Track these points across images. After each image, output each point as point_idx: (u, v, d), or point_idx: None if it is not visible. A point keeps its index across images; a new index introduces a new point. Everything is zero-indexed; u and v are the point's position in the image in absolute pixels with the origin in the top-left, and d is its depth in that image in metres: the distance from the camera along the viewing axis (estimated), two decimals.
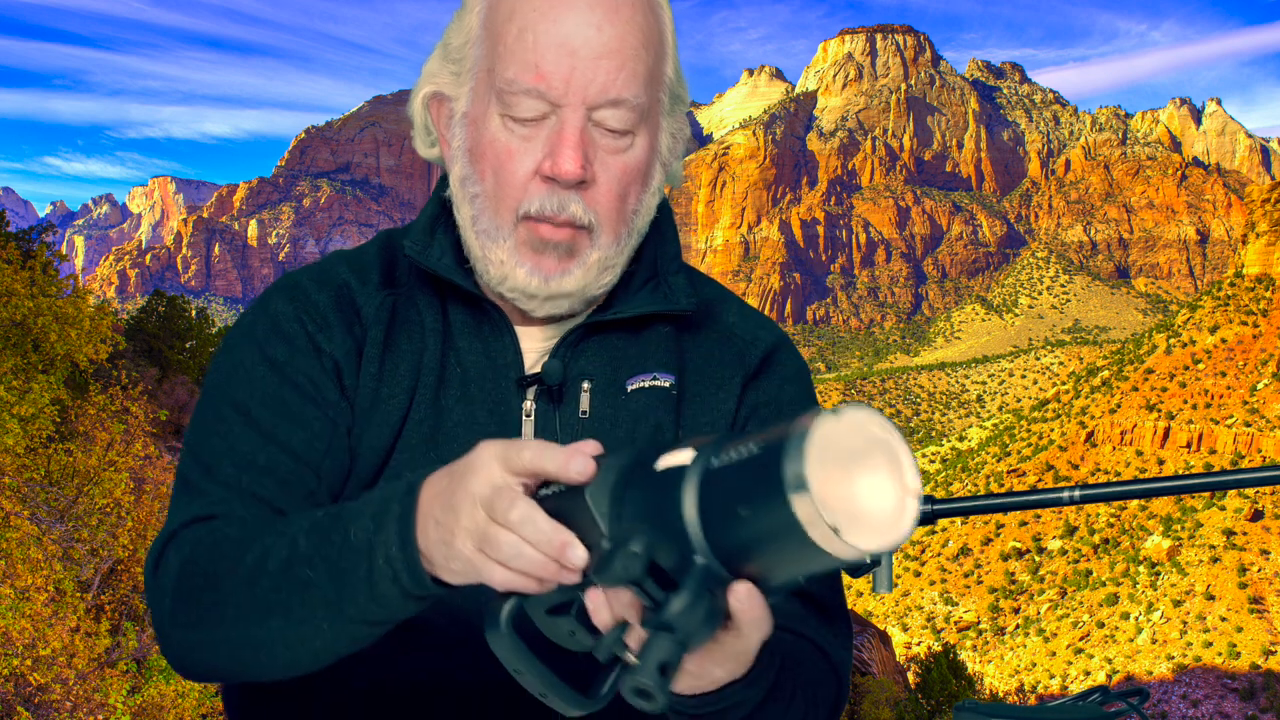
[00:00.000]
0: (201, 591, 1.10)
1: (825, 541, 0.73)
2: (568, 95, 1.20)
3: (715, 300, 1.44)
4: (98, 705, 8.16)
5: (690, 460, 0.82)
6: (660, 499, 0.83)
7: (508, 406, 1.31)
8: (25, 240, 22.04)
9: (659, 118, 1.31)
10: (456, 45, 1.29)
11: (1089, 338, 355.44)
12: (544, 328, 1.34)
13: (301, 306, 1.32)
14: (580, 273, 1.27)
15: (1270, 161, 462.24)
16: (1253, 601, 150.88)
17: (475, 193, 1.27)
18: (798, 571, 0.80)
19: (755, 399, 1.40)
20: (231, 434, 1.24)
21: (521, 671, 0.91)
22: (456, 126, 1.30)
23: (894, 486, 0.76)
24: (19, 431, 10.40)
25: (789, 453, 0.74)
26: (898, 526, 0.76)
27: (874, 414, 0.77)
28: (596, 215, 1.25)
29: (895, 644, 45.69)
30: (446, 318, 1.34)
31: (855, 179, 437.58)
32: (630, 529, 0.83)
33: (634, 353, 1.35)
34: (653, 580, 0.82)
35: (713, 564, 0.81)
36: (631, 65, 1.22)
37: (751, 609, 0.83)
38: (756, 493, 0.76)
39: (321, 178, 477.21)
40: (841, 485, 0.74)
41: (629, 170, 1.26)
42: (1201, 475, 0.93)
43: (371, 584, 0.97)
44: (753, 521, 0.77)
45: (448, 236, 1.34)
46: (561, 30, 1.20)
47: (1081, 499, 0.93)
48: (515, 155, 1.24)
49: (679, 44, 1.30)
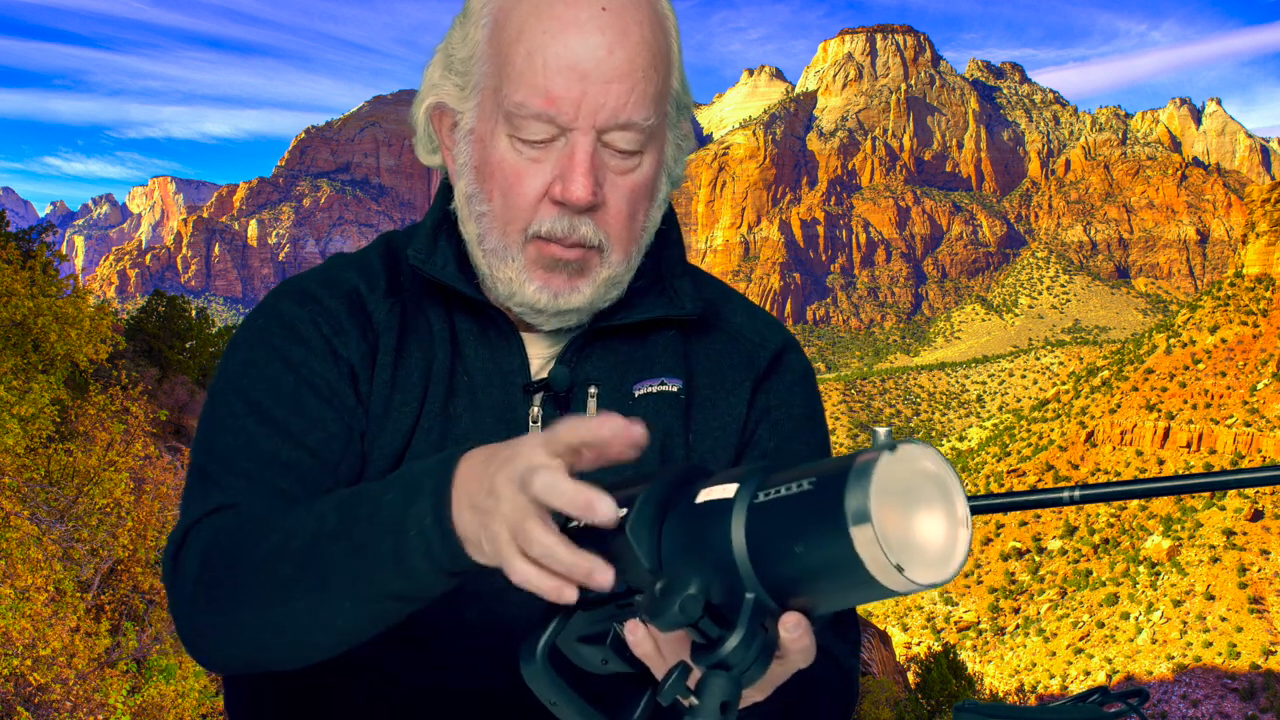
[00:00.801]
0: (224, 574, 1.10)
1: (884, 576, 0.74)
2: (578, 119, 1.19)
3: (721, 301, 1.44)
4: (98, 705, 8.16)
5: (733, 494, 0.82)
6: (705, 534, 0.82)
7: (515, 413, 1.30)
8: (25, 240, 22.00)
9: (666, 130, 1.29)
10: (461, 58, 1.27)
11: (1089, 338, 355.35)
12: (550, 334, 1.34)
13: (316, 311, 1.31)
14: (590, 290, 1.27)
15: (1270, 161, 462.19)
16: (1253, 601, 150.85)
17: (482, 211, 1.26)
18: (848, 602, 0.81)
19: (765, 401, 1.39)
20: (248, 431, 1.23)
21: (555, 703, 0.91)
22: (462, 142, 1.28)
23: (947, 520, 0.77)
24: (19, 431, 10.40)
25: (851, 488, 0.74)
26: (951, 560, 0.77)
27: (928, 449, 0.77)
28: (607, 236, 1.25)
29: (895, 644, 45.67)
30: (453, 325, 1.34)
31: (855, 179, 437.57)
32: (681, 569, 0.82)
33: (641, 358, 1.35)
34: (707, 618, 0.81)
35: (763, 598, 0.81)
36: (642, 87, 1.21)
37: (801, 639, 0.83)
38: (814, 528, 0.76)
39: (321, 178, 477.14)
40: (900, 520, 0.75)
41: (638, 189, 1.26)
42: (1201, 475, 0.93)
43: (400, 558, 0.96)
44: (808, 556, 0.77)
45: (451, 245, 1.33)
46: (572, 53, 1.17)
47: (1081, 499, 0.94)
48: (524, 177, 1.22)
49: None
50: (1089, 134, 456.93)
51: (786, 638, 0.83)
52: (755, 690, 0.91)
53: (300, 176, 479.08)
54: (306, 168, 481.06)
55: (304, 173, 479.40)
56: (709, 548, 0.82)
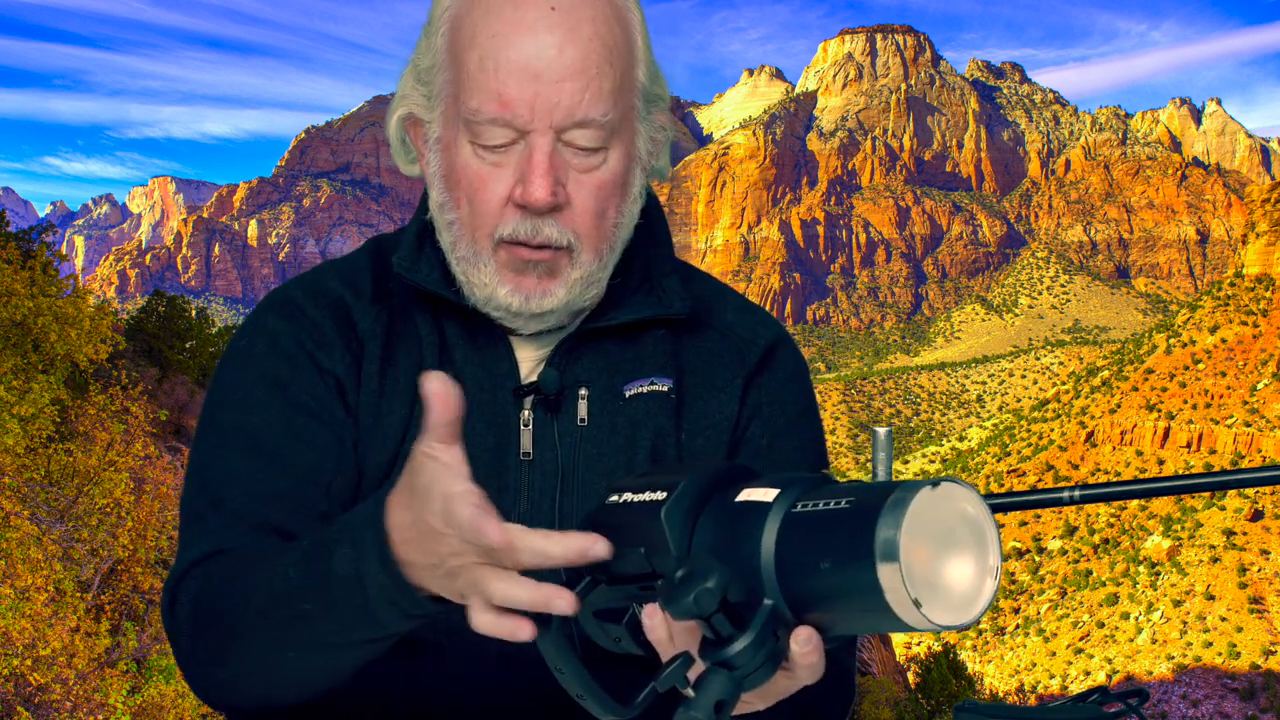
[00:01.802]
0: (215, 629, 1.12)
1: (903, 611, 0.74)
2: (534, 121, 1.19)
3: (712, 298, 1.42)
4: (98, 705, 8.16)
5: (772, 499, 0.82)
6: (737, 533, 0.83)
7: (505, 416, 1.30)
8: (25, 240, 21.99)
9: (634, 124, 1.28)
10: (424, 68, 1.28)
11: (1089, 338, 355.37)
12: (539, 337, 1.33)
13: (299, 325, 1.31)
14: (563, 291, 1.26)
15: (1270, 161, 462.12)
16: (1253, 601, 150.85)
17: (451, 219, 1.27)
18: (863, 628, 0.80)
19: (757, 398, 1.38)
20: (236, 461, 1.23)
21: (563, 672, 0.91)
22: (431, 151, 1.29)
23: (976, 567, 0.77)
24: (19, 431, 10.40)
25: (885, 519, 0.74)
26: (974, 605, 0.77)
27: (969, 490, 0.77)
28: (576, 235, 1.24)
29: (895, 644, 45.72)
30: (441, 330, 1.33)
31: (855, 179, 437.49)
32: (705, 562, 0.82)
33: (630, 358, 1.34)
34: (722, 615, 0.82)
35: (780, 607, 0.81)
36: (597, 83, 1.20)
37: (810, 654, 0.83)
38: (842, 550, 0.76)
39: (321, 178, 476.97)
40: (929, 560, 0.75)
41: (604, 186, 1.25)
42: (1201, 475, 0.93)
43: (368, 611, 0.98)
44: (832, 576, 0.77)
45: (436, 252, 1.33)
46: (522, 55, 1.17)
47: (1081, 499, 0.94)
48: (488, 183, 1.23)
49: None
50: (1089, 134, 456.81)
51: (797, 651, 0.83)
52: (756, 697, 0.92)
53: (300, 176, 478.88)
54: (306, 168, 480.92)
55: (304, 173, 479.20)
56: (737, 547, 0.82)
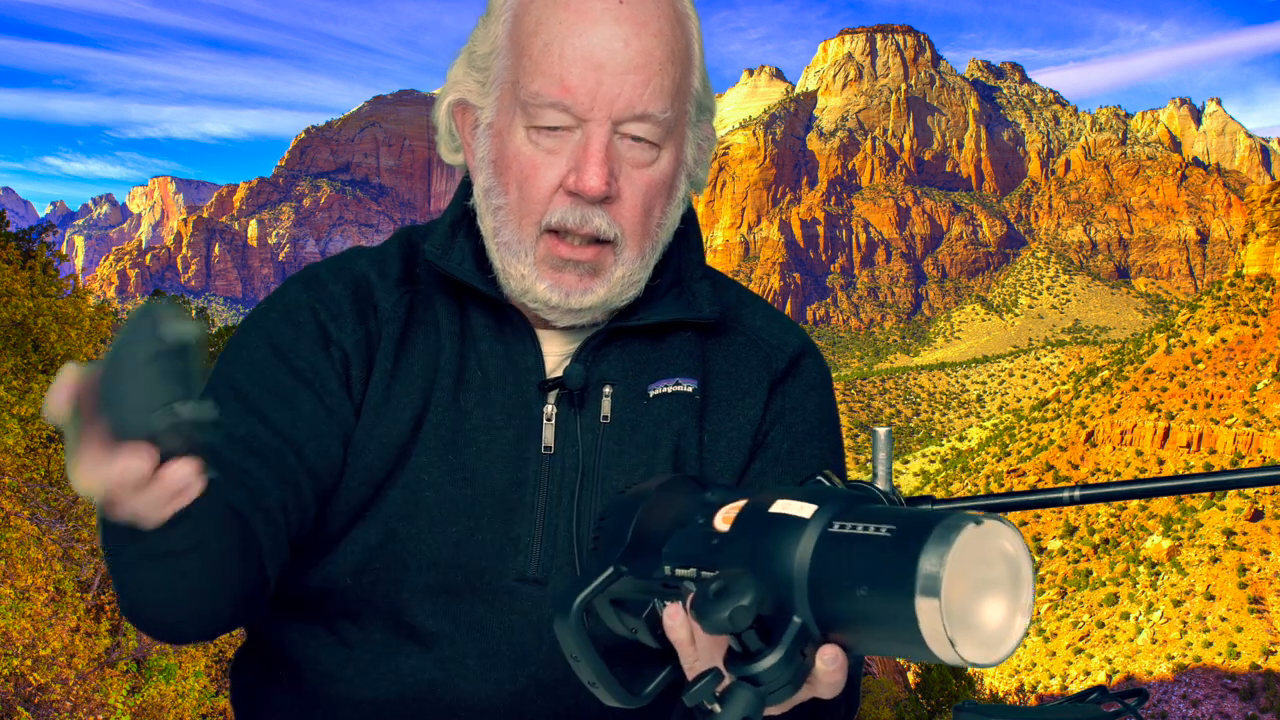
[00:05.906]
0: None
1: (936, 645, 0.74)
2: (593, 110, 1.21)
3: (740, 304, 1.43)
4: (98, 705, 8.16)
5: (810, 515, 0.81)
6: (770, 545, 0.82)
7: (528, 409, 1.31)
8: (25, 240, 21.96)
9: (685, 129, 1.30)
10: (482, 54, 1.29)
11: (1089, 338, 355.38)
12: (566, 332, 1.34)
13: (316, 296, 1.33)
14: (604, 290, 1.27)
15: (1270, 161, 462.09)
16: (1253, 601, 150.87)
17: (499, 205, 1.27)
18: (888, 653, 0.80)
19: (781, 405, 1.39)
20: (221, 406, 1.25)
21: (578, 659, 0.92)
22: (481, 137, 1.30)
23: (1009, 605, 0.77)
24: (19, 431, 10.40)
25: (928, 553, 0.73)
26: (1004, 644, 0.76)
27: (1011, 529, 0.77)
28: (621, 230, 1.25)
29: None
30: (465, 320, 1.35)
31: (855, 179, 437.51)
32: (740, 578, 0.81)
33: (657, 358, 1.35)
34: (752, 631, 0.81)
35: (809, 624, 0.80)
36: (658, 80, 1.22)
37: (835, 673, 0.83)
38: (881, 578, 0.75)
39: (321, 178, 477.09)
40: (966, 596, 0.74)
41: (654, 184, 1.26)
42: (1201, 475, 0.93)
43: (104, 522, 1.00)
44: (867, 602, 0.76)
45: (469, 241, 1.34)
46: (588, 44, 1.20)
47: (1081, 499, 0.94)
48: (540, 168, 1.24)
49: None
50: (1089, 134, 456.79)
51: (822, 669, 0.82)
52: (776, 709, 0.91)
53: (300, 176, 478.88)
54: (306, 168, 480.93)
55: (304, 173, 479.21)
56: (771, 560, 0.81)
